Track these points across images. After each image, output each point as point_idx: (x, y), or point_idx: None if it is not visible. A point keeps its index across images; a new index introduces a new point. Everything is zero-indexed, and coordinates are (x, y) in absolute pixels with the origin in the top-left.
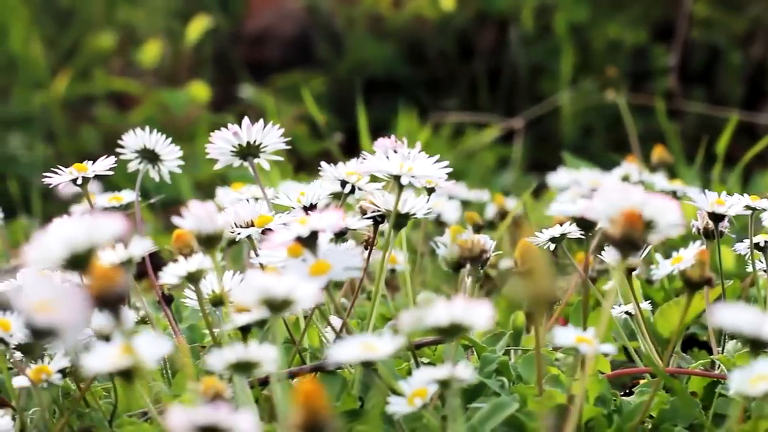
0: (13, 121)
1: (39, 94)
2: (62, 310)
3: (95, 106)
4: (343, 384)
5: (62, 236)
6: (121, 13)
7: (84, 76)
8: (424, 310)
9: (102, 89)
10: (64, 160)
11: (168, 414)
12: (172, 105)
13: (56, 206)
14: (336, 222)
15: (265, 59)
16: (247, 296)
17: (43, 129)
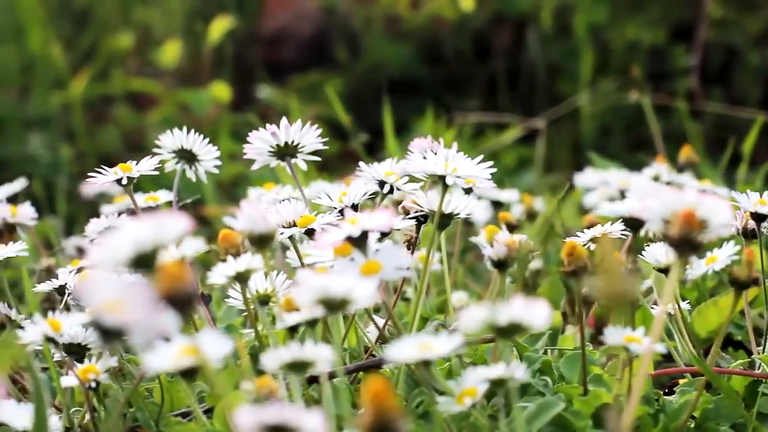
0: (32, 122)
1: (58, 95)
2: (132, 310)
3: (113, 107)
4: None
5: (129, 236)
6: (137, 13)
7: (101, 77)
8: (484, 310)
9: (120, 90)
10: (85, 161)
11: (236, 414)
12: (194, 105)
13: (80, 206)
14: (386, 222)
15: (281, 60)
16: (305, 296)
17: (62, 129)
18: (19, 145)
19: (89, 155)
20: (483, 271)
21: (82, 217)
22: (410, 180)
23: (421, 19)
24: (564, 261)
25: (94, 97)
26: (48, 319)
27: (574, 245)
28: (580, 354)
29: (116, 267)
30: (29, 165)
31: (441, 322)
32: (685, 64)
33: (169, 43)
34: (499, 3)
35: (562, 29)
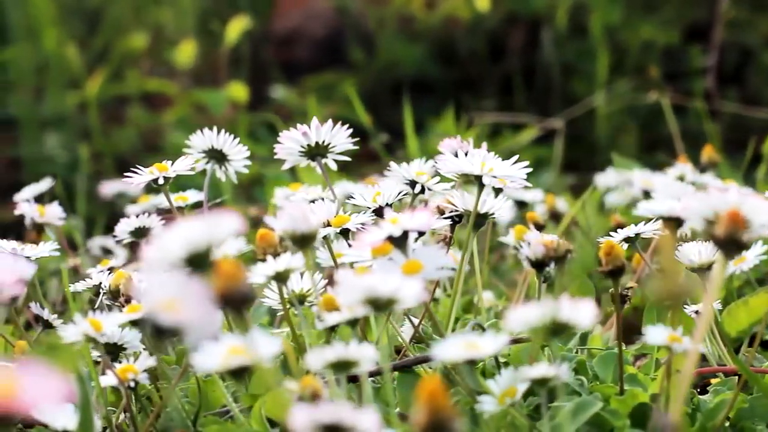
0: (48, 122)
1: (73, 95)
2: (188, 309)
3: (128, 107)
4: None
5: (182, 235)
6: (149, 13)
7: (115, 77)
8: (530, 309)
9: (136, 90)
10: (101, 161)
11: (291, 413)
12: (211, 105)
13: (98, 206)
14: (427, 222)
15: (294, 60)
16: (351, 295)
17: (77, 129)
18: (35, 145)
19: (105, 155)
20: (505, 271)
21: (101, 217)
22: (441, 180)
23: (436, 19)
24: (602, 261)
25: (108, 97)
26: (89, 318)
27: (612, 245)
28: (613, 354)
29: (169, 266)
30: (45, 165)
31: (477, 322)
32: (700, 65)
33: (185, 44)
34: (514, 3)
35: (577, 29)
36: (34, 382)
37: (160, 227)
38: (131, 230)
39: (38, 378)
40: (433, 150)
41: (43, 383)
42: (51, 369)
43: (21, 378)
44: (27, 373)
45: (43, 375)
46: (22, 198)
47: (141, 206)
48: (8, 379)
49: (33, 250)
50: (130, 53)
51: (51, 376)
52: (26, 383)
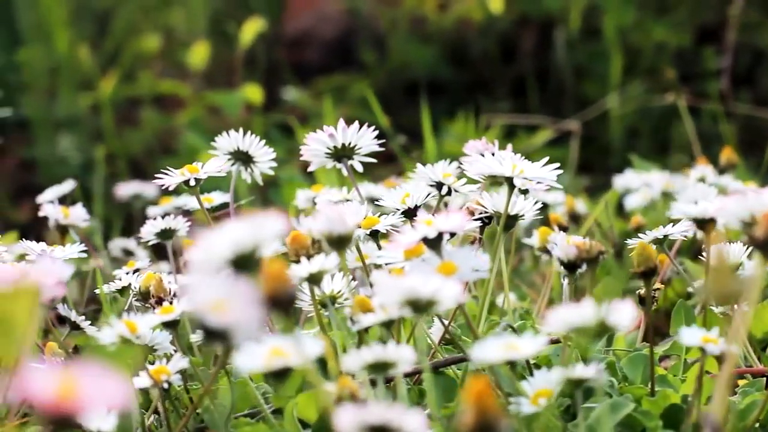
0: (61, 123)
1: (86, 96)
2: (235, 310)
3: (140, 109)
4: (452, 384)
5: (228, 236)
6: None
7: (126, 79)
8: (572, 310)
9: (149, 91)
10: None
11: (337, 414)
12: (226, 107)
13: (113, 208)
14: (461, 223)
15: (305, 61)
16: (390, 296)
17: (90, 131)
18: (48, 147)
19: (119, 157)
20: (524, 272)
21: (117, 218)
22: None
23: (449, 20)
24: (634, 262)
25: (120, 98)
26: (125, 320)
27: (645, 246)
28: (641, 355)
29: (215, 267)
30: (59, 166)
31: (509, 323)
32: (714, 67)
33: (198, 45)
34: (526, 4)
35: (589, 31)
36: (92, 383)
37: (186, 229)
38: (157, 232)
39: (96, 380)
40: (449, 151)
41: (101, 385)
42: (107, 370)
43: (79, 379)
44: (85, 375)
45: (101, 377)
46: (45, 199)
47: (162, 208)
48: (67, 380)
49: (62, 252)
50: (142, 55)
51: (108, 378)
52: (84, 385)
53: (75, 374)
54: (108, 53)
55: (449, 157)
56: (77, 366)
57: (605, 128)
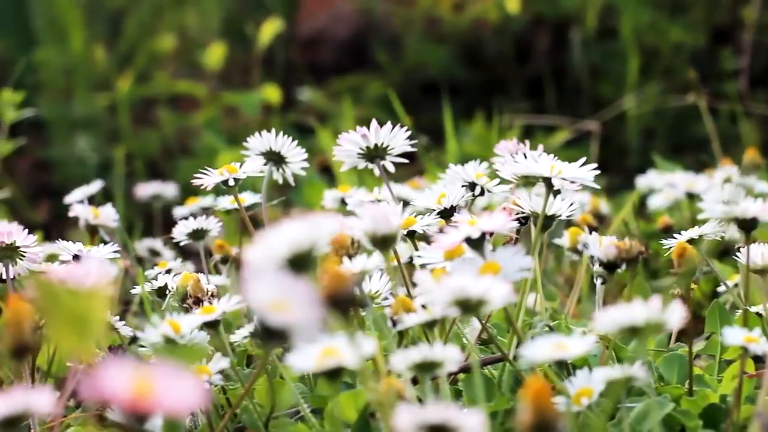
0: (77, 123)
1: (102, 97)
2: (296, 310)
3: (154, 109)
4: (489, 384)
5: (285, 236)
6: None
7: (141, 79)
8: (620, 310)
9: (165, 91)
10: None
11: (396, 414)
12: (244, 107)
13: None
14: (504, 223)
15: (319, 61)
16: (440, 296)
17: (106, 131)
18: (64, 147)
19: (137, 157)
20: (549, 272)
21: (136, 218)
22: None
23: (464, 21)
24: (674, 262)
25: (135, 99)
26: (169, 320)
27: (685, 246)
28: (677, 355)
29: (273, 267)
30: (76, 167)
31: (547, 323)
32: (729, 67)
33: (214, 46)
34: (542, 4)
35: (604, 31)
36: (167, 383)
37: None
38: (189, 232)
39: (172, 379)
40: (467, 152)
41: (176, 384)
42: (182, 370)
43: (155, 379)
44: (160, 374)
45: (176, 376)
46: (74, 200)
47: (188, 208)
48: (143, 379)
49: (97, 252)
50: (157, 55)
51: (183, 378)
52: (160, 384)
53: (150, 373)
54: (122, 53)
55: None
56: (152, 365)
57: (621, 128)
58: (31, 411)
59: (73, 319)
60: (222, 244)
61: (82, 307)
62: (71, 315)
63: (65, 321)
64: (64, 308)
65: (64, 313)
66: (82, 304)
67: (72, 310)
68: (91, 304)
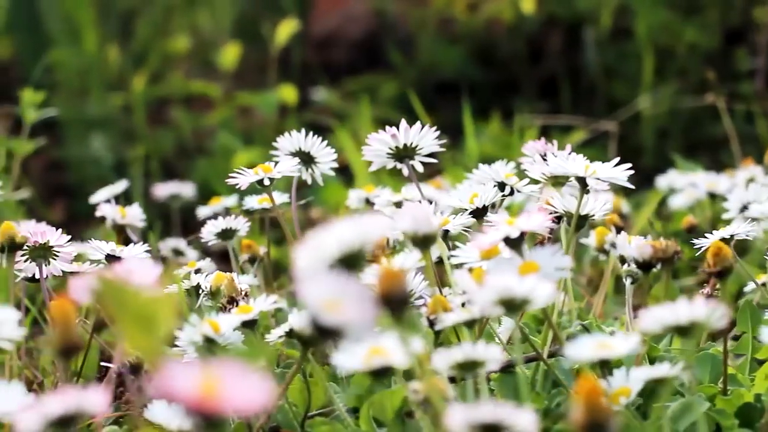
0: (92, 123)
1: (117, 96)
2: (350, 309)
3: (168, 109)
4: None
5: (335, 236)
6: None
7: (155, 80)
8: (667, 310)
9: (180, 91)
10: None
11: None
12: (262, 107)
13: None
14: (543, 223)
15: (332, 62)
16: (484, 296)
17: (121, 131)
18: (79, 147)
19: (152, 157)
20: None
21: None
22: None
23: (479, 21)
24: (709, 261)
25: (149, 99)
26: (208, 319)
27: (721, 246)
28: (709, 354)
29: (323, 267)
30: (91, 167)
31: (583, 323)
32: (744, 68)
33: (229, 46)
34: (557, 5)
35: (617, 31)
36: (234, 382)
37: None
38: (218, 232)
39: (238, 378)
40: (484, 152)
41: (242, 384)
42: (249, 368)
43: (221, 378)
44: (227, 374)
45: (242, 376)
46: (100, 199)
47: (212, 208)
48: (209, 379)
49: (129, 252)
50: (170, 55)
51: (249, 377)
52: (227, 383)
53: (217, 373)
54: (136, 54)
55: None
56: (218, 365)
57: (636, 128)
58: (85, 411)
59: (141, 320)
60: (250, 243)
61: (150, 307)
62: (140, 315)
63: (134, 321)
64: (133, 308)
65: (133, 313)
66: (150, 305)
67: (140, 310)
68: (159, 304)
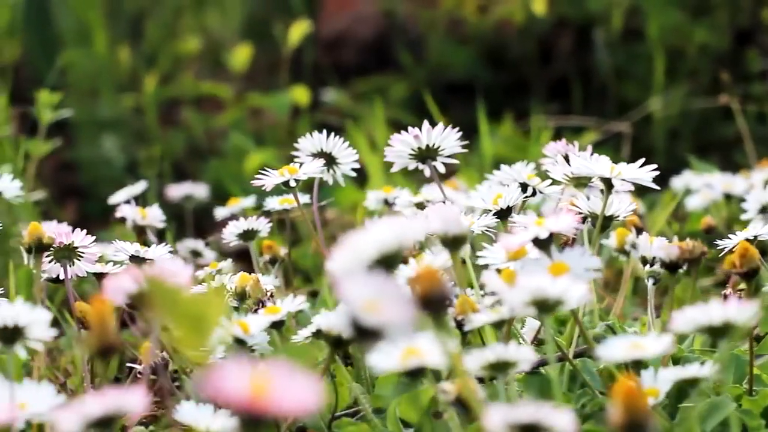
0: (104, 124)
1: (128, 97)
2: (389, 310)
3: (179, 110)
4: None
5: (373, 237)
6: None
7: (165, 81)
8: (697, 310)
9: (191, 92)
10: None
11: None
12: (274, 108)
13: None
14: (571, 224)
15: (341, 63)
16: (517, 297)
17: (132, 132)
18: (91, 148)
19: (164, 158)
20: None
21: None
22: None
23: (489, 23)
24: (736, 262)
25: (160, 100)
26: (237, 320)
27: (747, 247)
28: (733, 355)
29: (361, 268)
30: (103, 167)
31: (608, 324)
32: (756, 69)
33: (240, 48)
34: (567, 6)
35: (627, 33)
36: (284, 383)
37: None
38: (239, 233)
39: (288, 379)
40: (498, 153)
41: (292, 384)
42: (297, 370)
43: (272, 379)
44: (277, 374)
45: (292, 376)
46: (119, 200)
47: (230, 209)
48: (260, 380)
49: (154, 252)
50: (180, 56)
51: (299, 378)
52: (277, 384)
53: (267, 373)
54: (146, 55)
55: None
56: (268, 365)
57: (646, 129)
58: (124, 411)
59: (192, 320)
60: (271, 244)
61: (201, 307)
62: (191, 315)
63: (185, 321)
64: (184, 309)
65: (184, 313)
66: (201, 305)
67: (192, 310)
68: (210, 304)
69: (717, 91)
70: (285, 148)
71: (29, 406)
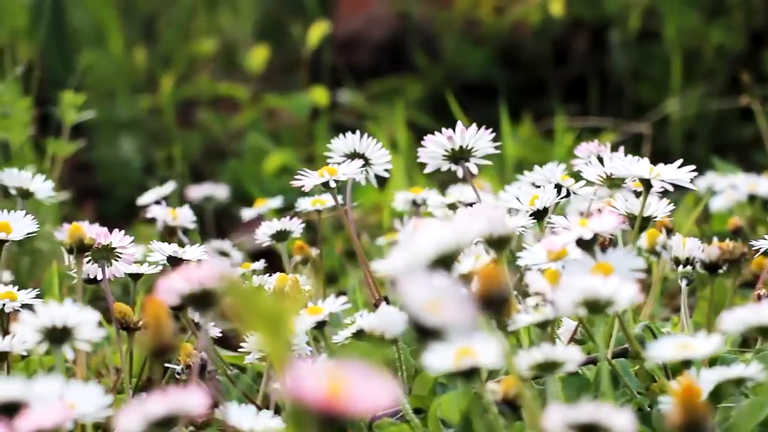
0: (121, 125)
1: (145, 98)
2: (450, 310)
3: (194, 111)
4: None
5: (432, 237)
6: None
7: (180, 82)
8: (750, 311)
9: (205, 94)
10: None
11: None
12: (293, 109)
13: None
14: (615, 225)
15: (355, 64)
16: (567, 297)
17: (149, 133)
18: (109, 149)
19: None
20: None
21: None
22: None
23: (505, 23)
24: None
25: (176, 101)
26: None
27: None
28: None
29: (420, 268)
30: (120, 168)
31: (647, 323)
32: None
33: (257, 49)
34: (583, 7)
35: (643, 34)
36: (360, 383)
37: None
38: (272, 233)
39: (364, 379)
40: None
41: (368, 385)
42: (372, 370)
43: (348, 379)
44: (353, 375)
45: (368, 376)
46: (149, 201)
47: (256, 210)
48: (336, 380)
49: (190, 253)
50: (196, 57)
51: (375, 378)
52: (353, 384)
53: (343, 374)
54: (161, 56)
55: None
56: (343, 365)
57: (663, 131)
58: (186, 411)
59: (271, 322)
60: (302, 245)
61: (280, 309)
62: (270, 318)
63: (264, 324)
64: (263, 312)
65: (264, 316)
66: (280, 307)
67: (270, 313)
68: (285, 306)
69: (733, 92)
70: (303, 148)
71: (78, 406)
